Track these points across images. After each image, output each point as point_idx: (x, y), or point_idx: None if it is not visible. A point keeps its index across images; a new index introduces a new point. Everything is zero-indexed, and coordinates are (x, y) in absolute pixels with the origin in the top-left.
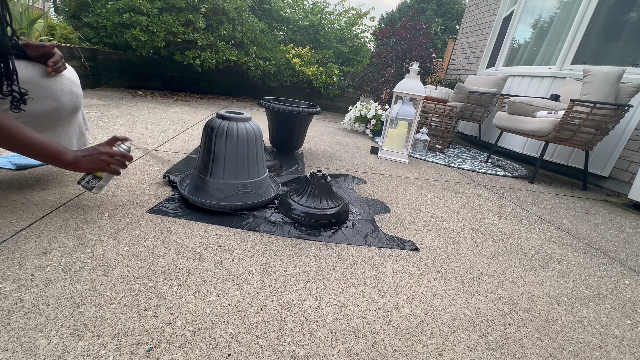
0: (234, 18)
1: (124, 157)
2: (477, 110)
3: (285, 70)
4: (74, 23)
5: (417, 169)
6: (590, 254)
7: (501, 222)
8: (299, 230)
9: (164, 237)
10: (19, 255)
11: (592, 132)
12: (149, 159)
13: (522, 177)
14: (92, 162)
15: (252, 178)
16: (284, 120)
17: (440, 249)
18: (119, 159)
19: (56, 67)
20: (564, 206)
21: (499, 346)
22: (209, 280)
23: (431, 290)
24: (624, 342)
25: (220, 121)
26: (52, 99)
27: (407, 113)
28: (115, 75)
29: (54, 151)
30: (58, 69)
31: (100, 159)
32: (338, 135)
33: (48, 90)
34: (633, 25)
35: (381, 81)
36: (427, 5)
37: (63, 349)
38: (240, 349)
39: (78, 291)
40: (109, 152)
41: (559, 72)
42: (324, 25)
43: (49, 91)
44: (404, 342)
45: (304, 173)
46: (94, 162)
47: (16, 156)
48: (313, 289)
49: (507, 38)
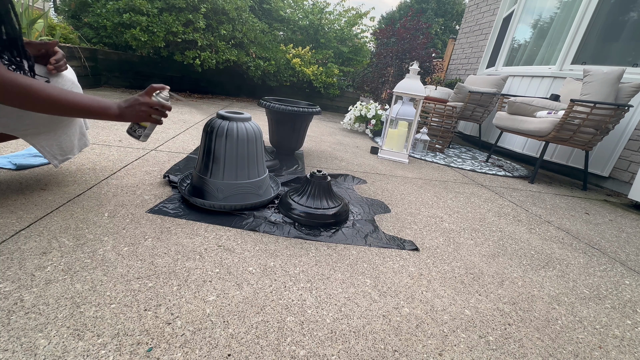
0: (234, 18)
1: (162, 107)
2: (477, 110)
3: (285, 70)
4: (74, 23)
5: (417, 169)
6: (590, 254)
7: (501, 222)
8: (299, 230)
9: (164, 237)
10: (19, 255)
11: (592, 132)
12: (149, 159)
13: (522, 177)
14: (135, 113)
15: (252, 178)
16: (284, 120)
17: (440, 249)
18: (158, 109)
19: (58, 66)
20: (564, 206)
21: (499, 346)
22: (209, 280)
23: (431, 290)
24: (624, 342)
25: (220, 121)
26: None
27: (407, 113)
28: (115, 75)
29: (102, 106)
30: (60, 68)
31: (140, 109)
32: (338, 135)
33: None
34: (633, 25)
35: (381, 81)
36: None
37: (63, 349)
38: (240, 349)
39: (78, 291)
40: (148, 103)
41: (559, 72)
42: (324, 25)
43: None
44: (404, 342)
45: (304, 173)
46: (136, 113)
47: (16, 156)
48: (313, 289)
49: (507, 38)
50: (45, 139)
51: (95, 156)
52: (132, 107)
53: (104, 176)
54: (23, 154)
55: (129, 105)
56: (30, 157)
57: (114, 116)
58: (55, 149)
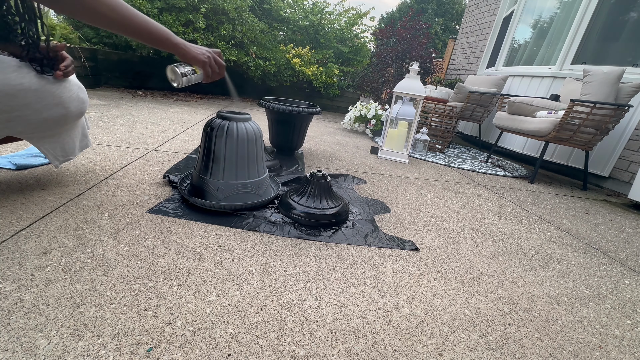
0: (234, 18)
1: (221, 68)
2: (477, 110)
3: (285, 70)
4: (74, 23)
5: (417, 169)
6: (590, 254)
7: (501, 222)
8: (299, 230)
9: (164, 237)
10: (19, 255)
11: (592, 132)
12: (149, 159)
13: (522, 177)
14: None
15: (252, 178)
16: (284, 120)
17: (440, 249)
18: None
19: (67, 72)
20: (564, 206)
21: (499, 346)
22: (209, 280)
23: (431, 290)
24: (624, 342)
25: (220, 121)
26: (61, 106)
27: (407, 113)
28: (115, 75)
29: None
30: (68, 74)
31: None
32: (338, 135)
33: (58, 98)
34: (633, 25)
35: (381, 81)
36: (427, 5)
37: (63, 349)
38: (240, 349)
39: (78, 291)
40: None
41: (559, 72)
42: (324, 25)
43: (59, 99)
44: (404, 342)
45: (304, 173)
46: (200, 52)
47: (16, 156)
48: (313, 289)
49: (507, 38)
50: (50, 142)
51: (95, 156)
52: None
53: (104, 176)
54: (23, 154)
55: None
56: (30, 157)
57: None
58: (58, 150)
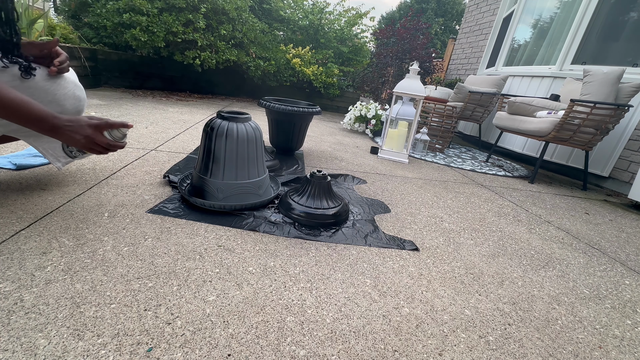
0: (234, 18)
1: (109, 147)
2: (477, 110)
3: (285, 70)
4: (74, 23)
5: (417, 169)
6: (590, 254)
7: (501, 222)
8: (299, 230)
9: (164, 237)
10: (19, 255)
11: (592, 132)
12: (149, 159)
13: (522, 177)
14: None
15: (252, 178)
16: (284, 120)
17: (440, 249)
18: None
19: (61, 68)
20: (564, 206)
21: (499, 346)
22: (209, 280)
23: (431, 290)
24: (624, 342)
25: (221, 121)
26: (55, 103)
27: (407, 113)
28: (115, 75)
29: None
30: (63, 70)
31: (81, 142)
32: (338, 135)
33: (52, 95)
34: (633, 25)
35: (381, 81)
36: (427, 5)
37: (63, 349)
38: (240, 349)
39: (78, 291)
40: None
41: (559, 72)
42: (324, 25)
43: (52, 96)
44: (404, 342)
45: (304, 173)
46: (73, 140)
47: (16, 156)
48: (313, 289)
49: (507, 38)
50: (48, 141)
51: (95, 156)
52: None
53: (104, 176)
54: (23, 154)
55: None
56: (30, 157)
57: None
58: (58, 151)
